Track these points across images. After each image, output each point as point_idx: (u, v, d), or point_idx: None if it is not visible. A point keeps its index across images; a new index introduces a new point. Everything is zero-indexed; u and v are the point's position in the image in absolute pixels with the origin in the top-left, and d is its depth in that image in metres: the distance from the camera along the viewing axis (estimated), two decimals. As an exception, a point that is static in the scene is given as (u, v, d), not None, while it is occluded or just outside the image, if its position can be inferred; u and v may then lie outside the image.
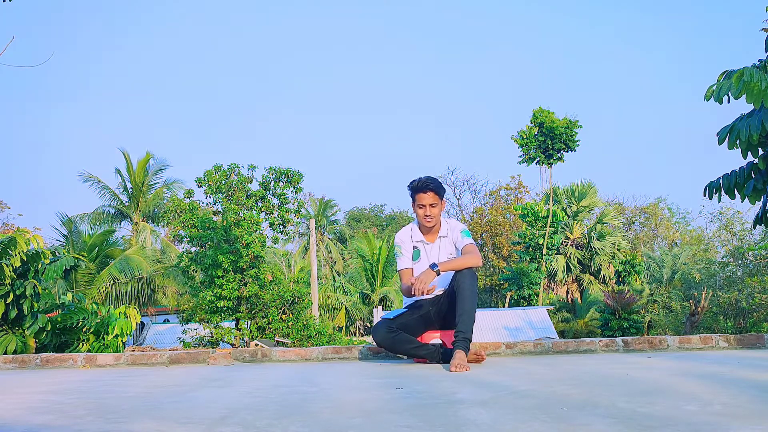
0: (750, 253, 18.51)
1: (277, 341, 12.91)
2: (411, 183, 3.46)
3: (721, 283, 19.40)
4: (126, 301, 18.55)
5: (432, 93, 59.28)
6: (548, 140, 23.71)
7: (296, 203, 15.32)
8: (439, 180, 3.51)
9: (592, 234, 28.60)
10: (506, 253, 33.59)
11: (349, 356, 3.75)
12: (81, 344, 7.67)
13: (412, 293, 3.20)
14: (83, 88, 62.08)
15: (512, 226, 33.60)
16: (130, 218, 23.53)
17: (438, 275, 3.24)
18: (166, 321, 23.59)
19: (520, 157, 24.62)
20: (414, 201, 3.46)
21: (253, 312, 13.70)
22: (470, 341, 3.15)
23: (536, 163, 24.58)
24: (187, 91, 64.59)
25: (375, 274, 27.53)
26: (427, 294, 3.20)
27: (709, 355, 3.40)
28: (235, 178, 14.81)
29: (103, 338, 7.88)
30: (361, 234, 31.09)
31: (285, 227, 15.35)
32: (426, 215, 3.41)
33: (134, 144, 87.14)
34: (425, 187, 3.40)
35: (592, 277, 28.75)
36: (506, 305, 27.30)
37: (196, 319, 13.80)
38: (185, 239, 14.10)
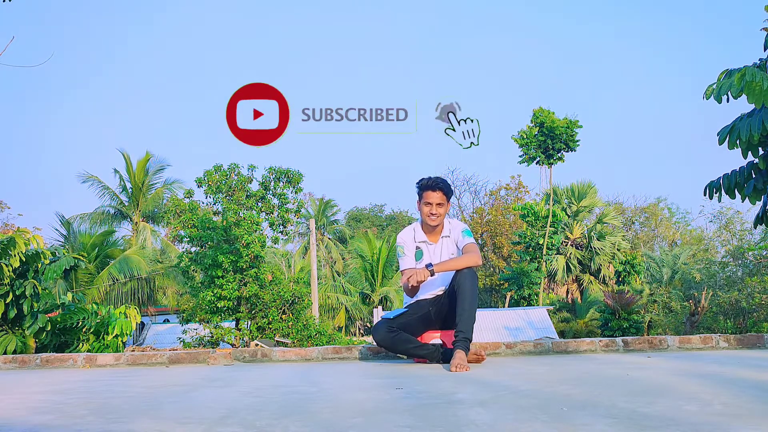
0: (750, 253, 18.51)
1: (277, 341, 12.91)
2: (420, 180, 3.48)
3: (721, 283, 19.39)
4: (126, 301, 18.52)
5: (432, 92, 59.28)
6: (548, 140, 23.69)
7: (296, 203, 15.32)
8: (449, 182, 3.52)
9: (592, 234, 28.59)
10: (506, 253, 33.58)
11: (349, 356, 3.75)
12: (81, 344, 7.66)
13: (407, 282, 3.22)
14: (83, 87, 62.00)
15: (512, 226, 33.58)
16: (130, 218, 23.51)
17: (432, 275, 3.25)
18: (166, 321, 23.57)
19: (520, 157, 24.59)
20: (421, 198, 3.46)
21: (253, 312, 13.70)
22: (470, 341, 3.15)
23: (536, 163, 24.55)
24: (188, 91, 64.57)
25: (375, 274, 27.51)
26: (418, 283, 3.22)
27: (709, 355, 3.40)
28: (235, 178, 14.81)
29: (103, 338, 7.87)
30: (361, 234, 31.07)
31: (285, 227, 15.35)
32: (431, 213, 3.41)
33: (134, 144, 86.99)
34: (435, 185, 3.42)
35: (592, 277, 28.74)
36: (506, 305, 27.28)
37: (196, 319, 13.79)
38: (185, 239, 14.10)
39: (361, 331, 28.72)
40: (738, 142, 5.37)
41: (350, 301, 26.88)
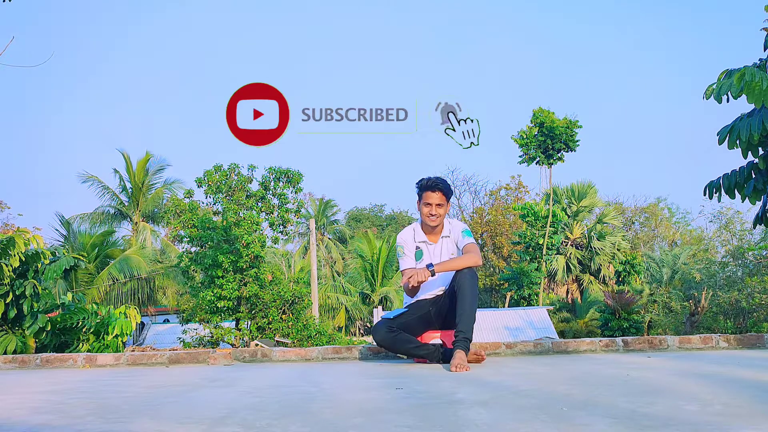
0: (750, 253, 18.50)
1: (277, 341, 12.91)
2: (420, 181, 3.48)
3: (721, 283, 19.39)
4: (126, 301, 18.53)
5: (432, 92, 59.25)
6: (548, 140, 23.68)
7: (296, 203, 15.32)
8: (448, 182, 3.52)
9: (592, 234, 28.59)
10: (506, 253, 33.57)
11: (349, 356, 3.75)
12: (81, 344, 7.66)
13: (407, 282, 3.22)
14: (83, 88, 62.05)
15: (512, 226, 33.58)
16: (130, 218, 23.51)
17: (433, 276, 3.24)
18: (166, 321, 23.59)
19: (520, 157, 24.59)
20: (420, 199, 3.46)
21: (253, 312, 13.70)
22: (470, 341, 3.15)
23: (536, 163, 24.55)
24: (188, 91, 64.56)
25: (375, 274, 27.51)
26: (418, 284, 3.22)
27: (709, 355, 3.40)
28: (235, 178, 14.82)
29: (103, 338, 7.87)
30: (361, 234, 31.07)
31: (285, 227, 15.36)
32: (431, 214, 3.41)
33: (134, 144, 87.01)
34: (434, 186, 3.42)
35: (592, 277, 28.73)
36: (506, 305, 27.28)
37: (196, 319, 13.80)
38: (185, 239, 14.11)
39: (361, 331, 28.71)
40: (738, 142, 5.37)
41: (350, 301, 26.89)
